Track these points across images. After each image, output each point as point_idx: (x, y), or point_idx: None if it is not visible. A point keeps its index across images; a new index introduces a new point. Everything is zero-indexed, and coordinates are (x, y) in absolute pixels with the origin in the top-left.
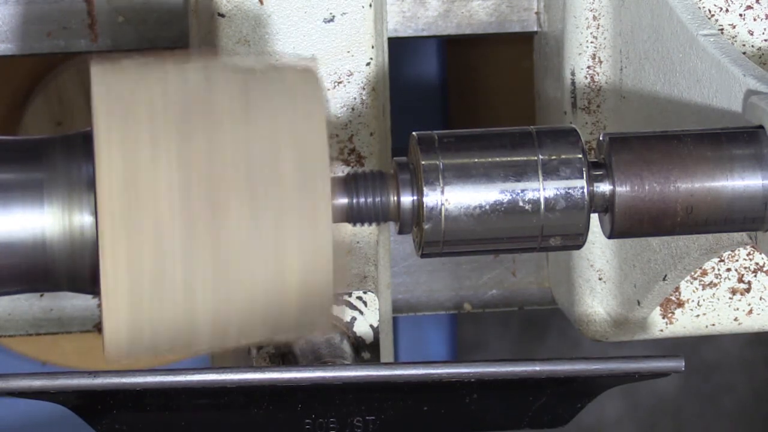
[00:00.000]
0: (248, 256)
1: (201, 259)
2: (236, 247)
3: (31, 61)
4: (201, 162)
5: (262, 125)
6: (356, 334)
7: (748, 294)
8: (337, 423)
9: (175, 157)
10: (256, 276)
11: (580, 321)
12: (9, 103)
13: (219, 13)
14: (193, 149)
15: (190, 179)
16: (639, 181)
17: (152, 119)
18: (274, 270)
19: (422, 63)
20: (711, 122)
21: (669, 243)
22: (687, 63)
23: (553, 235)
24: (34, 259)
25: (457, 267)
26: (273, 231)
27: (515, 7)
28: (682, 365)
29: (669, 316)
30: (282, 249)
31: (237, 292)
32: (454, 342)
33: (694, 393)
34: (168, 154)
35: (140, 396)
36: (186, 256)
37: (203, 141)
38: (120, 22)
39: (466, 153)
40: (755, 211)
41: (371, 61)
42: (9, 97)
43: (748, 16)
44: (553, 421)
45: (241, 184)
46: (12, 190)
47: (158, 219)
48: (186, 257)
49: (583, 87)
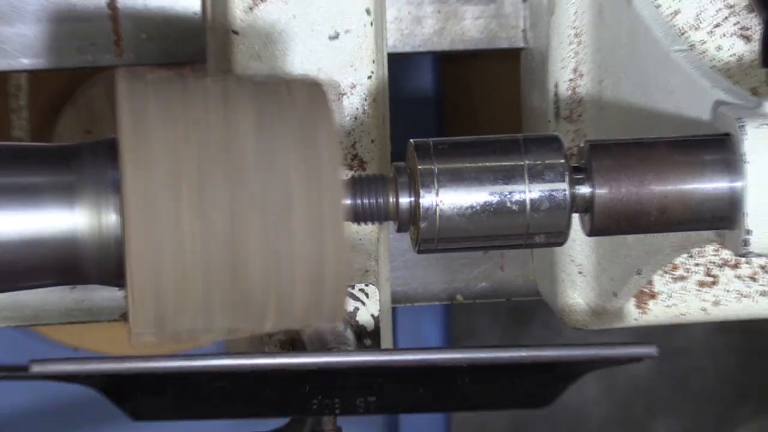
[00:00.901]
0: (262, 252)
1: (218, 255)
2: (250, 244)
3: (63, 74)
4: (218, 165)
5: (274, 134)
6: (359, 323)
7: (715, 286)
8: (341, 403)
9: (194, 160)
10: (270, 271)
11: (562, 311)
12: (43, 113)
13: (233, 31)
14: (210, 154)
15: (207, 179)
16: (616, 184)
17: (172, 128)
18: (286, 266)
19: (419, 76)
20: (683, 130)
21: (643, 240)
22: (661, 76)
23: (538, 233)
24: (65, 254)
25: (450, 262)
26: (284, 231)
27: (504, 25)
28: (655, 351)
29: (643, 306)
30: (293, 247)
31: (251, 284)
32: (447, 330)
33: (665, 376)
34: (187, 158)
35: (162, 379)
36: (205, 253)
37: (221, 148)
38: (143, 39)
39: (458, 158)
40: (723, 211)
41: (372, 74)
42: (43, 108)
43: (716, 33)
44: (537, 401)
45: (257, 184)
46: (45, 192)
47: (178, 218)
48: (205, 253)
49: (565, 98)
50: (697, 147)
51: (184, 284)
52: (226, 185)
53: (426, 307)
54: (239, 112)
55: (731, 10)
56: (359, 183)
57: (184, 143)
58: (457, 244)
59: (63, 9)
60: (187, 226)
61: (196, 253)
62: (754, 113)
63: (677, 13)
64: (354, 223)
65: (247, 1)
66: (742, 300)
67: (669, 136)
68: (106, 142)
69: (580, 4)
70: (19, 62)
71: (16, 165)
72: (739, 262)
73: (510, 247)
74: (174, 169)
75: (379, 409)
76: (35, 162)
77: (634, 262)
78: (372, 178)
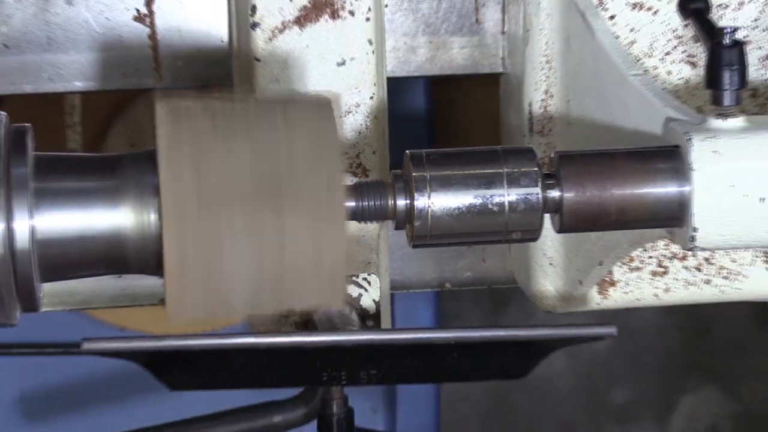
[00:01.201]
0: (280, 245)
1: (240, 249)
2: (267, 238)
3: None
4: (241, 173)
5: (289, 147)
6: (362, 307)
7: (666, 276)
8: (347, 375)
9: (221, 169)
10: (286, 259)
11: (535, 296)
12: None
13: (256, 58)
14: (233, 163)
15: (231, 186)
16: (582, 189)
17: (202, 141)
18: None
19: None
20: (638, 143)
21: (604, 236)
22: (619, 96)
23: (515, 230)
24: (111, 248)
25: (440, 255)
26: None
27: (485, 53)
28: (614, 331)
29: (604, 293)
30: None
31: (269, 273)
32: (438, 313)
33: (622, 352)
34: (215, 167)
35: (195, 355)
36: (231, 245)
37: (243, 159)
38: (179, 65)
39: (447, 167)
40: (673, 212)
41: (374, 95)
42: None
43: (667, 60)
44: (514, 373)
45: (271, 190)
46: (94, 195)
47: (207, 218)
48: (231, 246)
49: (538, 116)
50: (651, 157)
51: (212, 275)
52: (247, 188)
53: (419, 294)
54: (259, 128)
55: (679, 40)
56: (362, 188)
57: (211, 153)
58: (446, 240)
59: (111, 39)
60: (214, 225)
61: (222, 249)
62: (699, 128)
63: (633, 43)
64: (358, 222)
65: (267, 33)
66: (689, 287)
67: (627, 147)
68: (147, 153)
69: (550, 35)
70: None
71: (71, 172)
72: (686, 255)
73: (491, 242)
74: (203, 175)
75: (379, 381)
76: (87, 170)
77: (597, 255)
78: (373, 184)
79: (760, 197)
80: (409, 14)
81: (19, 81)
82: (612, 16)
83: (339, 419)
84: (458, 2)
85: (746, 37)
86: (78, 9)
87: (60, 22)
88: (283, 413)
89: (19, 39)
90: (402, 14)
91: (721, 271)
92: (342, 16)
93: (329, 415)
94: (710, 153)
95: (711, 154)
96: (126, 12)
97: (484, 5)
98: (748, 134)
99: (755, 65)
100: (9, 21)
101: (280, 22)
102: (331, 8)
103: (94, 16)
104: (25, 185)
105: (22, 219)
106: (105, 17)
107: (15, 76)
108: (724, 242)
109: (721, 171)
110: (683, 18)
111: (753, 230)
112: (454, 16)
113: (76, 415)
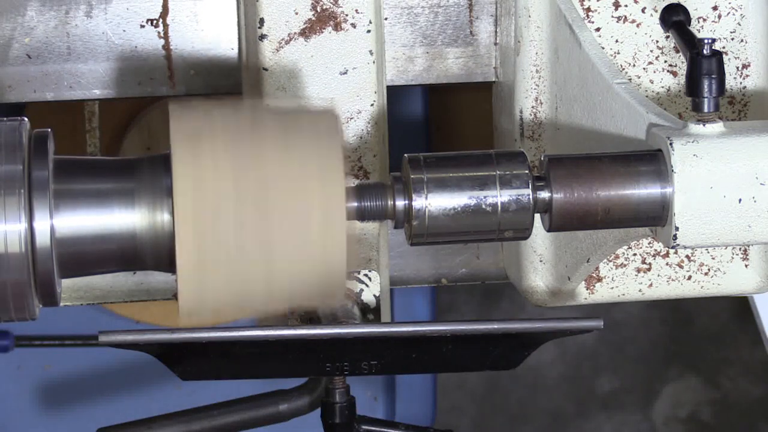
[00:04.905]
0: (285, 245)
1: (250, 246)
2: (275, 240)
3: (128, 102)
4: (250, 178)
5: (295, 151)
6: (363, 301)
7: (649, 272)
8: (349, 366)
9: (231, 172)
10: (291, 258)
11: (526, 291)
12: (112, 134)
13: (263, 68)
14: (243, 168)
15: (240, 189)
16: (570, 190)
17: (213, 146)
18: (304, 254)
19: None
20: (623, 147)
21: (591, 235)
22: (605, 103)
23: (507, 229)
24: (127, 246)
25: (437, 252)
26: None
27: (479, 63)
28: (601, 324)
29: (591, 288)
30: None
31: (277, 271)
32: (434, 307)
33: (607, 343)
34: (225, 171)
35: (206, 346)
36: (239, 245)
37: (251, 164)
38: (191, 74)
39: (443, 169)
40: (655, 212)
41: (374, 102)
42: (111, 129)
43: (649, 69)
44: (506, 364)
45: (279, 194)
46: (111, 196)
47: (217, 218)
48: (239, 245)
49: (528, 121)
50: (635, 160)
51: (221, 272)
52: (256, 190)
53: (417, 289)
54: (267, 137)
55: (661, 51)
56: (363, 189)
57: (222, 157)
58: (442, 238)
59: (127, 50)
60: (224, 225)
61: (231, 247)
62: (680, 133)
63: (618, 53)
64: (360, 221)
65: (274, 44)
66: (671, 283)
67: (612, 151)
68: (161, 157)
69: (540, 46)
70: (92, 93)
71: (89, 175)
72: (668, 253)
73: (484, 240)
74: (213, 178)
75: (380, 371)
76: (104, 172)
77: (584, 253)
78: (374, 185)
79: (738, 198)
80: (407, 26)
81: (41, 89)
82: (598, 29)
83: (342, 407)
84: (453, 15)
85: (724, 47)
86: (97, 21)
87: (80, 34)
88: (288, 402)
89: (42, 50)
90: (401, 26)
91: (701, 267)
92: (344, 28)
93: (332, 403)
94: (691, 156)
95: (691, 157)
96: (142, 24)
97: (477, 18)
98: (727, 139)
99: (732, 74)
100: (32, 33)
101: (287, 34)
102: (335, 21)
103: (111, 28)
104: (46, 187)
105: (43, 219)
106: (122, 29)
107: (37, 85)
108: (704, 240)
109: (701, 173)
110: (665, 29)
111: (731, 229)
112: (449, 29)
113: (93, 403)
